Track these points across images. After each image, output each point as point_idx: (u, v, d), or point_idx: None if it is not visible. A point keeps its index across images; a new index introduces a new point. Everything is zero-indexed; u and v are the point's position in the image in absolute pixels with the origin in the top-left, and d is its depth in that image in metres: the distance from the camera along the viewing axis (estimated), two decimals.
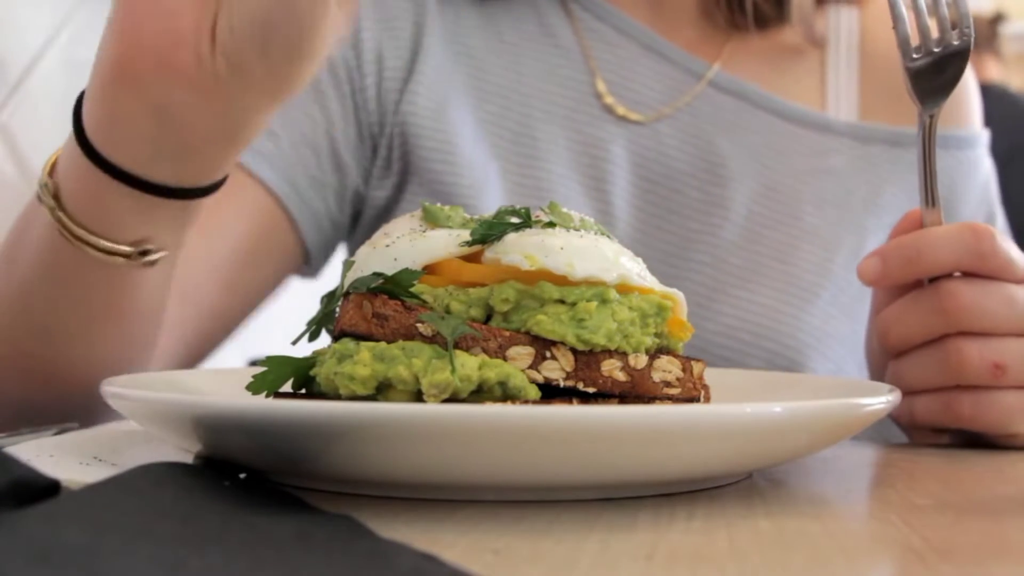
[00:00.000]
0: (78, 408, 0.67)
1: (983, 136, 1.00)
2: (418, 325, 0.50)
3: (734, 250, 0.92)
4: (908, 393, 0.66)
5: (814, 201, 0.94)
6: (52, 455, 0.51)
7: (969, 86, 1.01)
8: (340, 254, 1.01)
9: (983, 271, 0.65)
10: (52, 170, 0.62)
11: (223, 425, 0.45)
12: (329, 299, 0.56)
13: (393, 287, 0.51)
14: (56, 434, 0.59)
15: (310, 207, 0.91)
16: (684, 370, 0.53)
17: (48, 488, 0.38)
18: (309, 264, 0.94)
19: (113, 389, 0.50)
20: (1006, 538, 0.43)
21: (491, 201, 0.89)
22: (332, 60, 0.93)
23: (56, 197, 0.61)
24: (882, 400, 0.50)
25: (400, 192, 0.94)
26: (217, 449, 0.48)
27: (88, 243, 0.61)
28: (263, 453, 0.46)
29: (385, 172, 0.94)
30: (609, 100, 0.95)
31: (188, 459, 0.47)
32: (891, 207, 0.95)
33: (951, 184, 0.97)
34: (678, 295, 0.55)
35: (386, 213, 0.94)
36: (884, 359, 0.71)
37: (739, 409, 0.45)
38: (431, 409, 0.42)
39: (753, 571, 0.37)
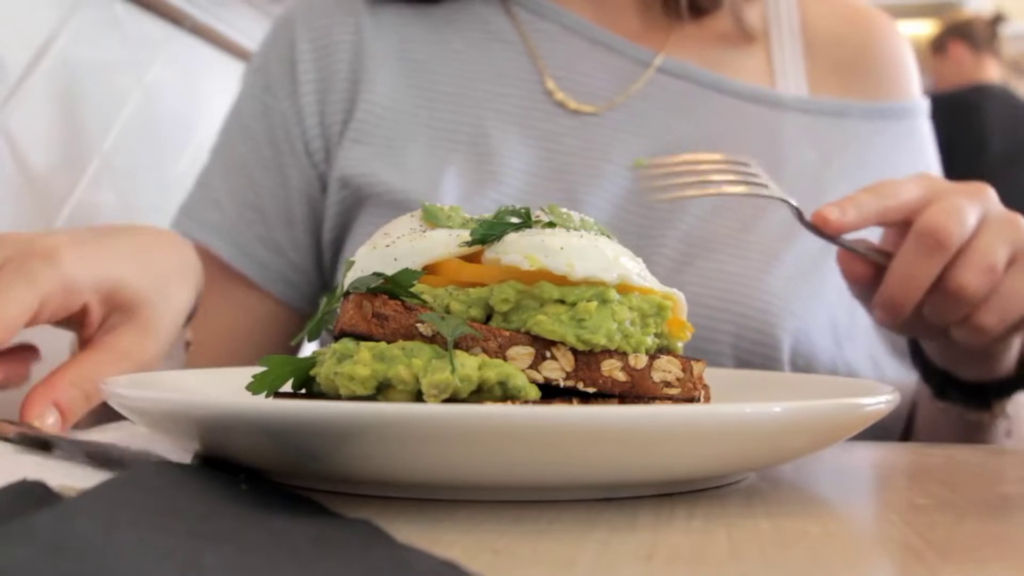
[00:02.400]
0: None
1: (921, 105, 1.03)
2: (418, 325, 0.50)
3: (698, 224, 0.93)
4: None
5: (771, 173, 0.96)
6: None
7: (904, 56, 1.04)
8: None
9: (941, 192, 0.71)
10: None
11: (223, 425, 0.45)
12: (329, 299, 0.56)
13: (393, 287, 0.51)
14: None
15: (265, 265, 0.96)
16: (684, 370, 0.53)
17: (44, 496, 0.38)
18: (296, 308, 0.98)
19: (113, 389, 0.50)
20: (1006, 538, 0.43)
21: (448, 203, 0.91)
22: (273, 132, 0.97)
23: None
24: (882, 400, 0.50)
25: (356, 211, 0.95)
26: (217, 449, 0.48)
27: None
28: (262, 453, 0.46)
29: (336, 206, 0.96)
30: (560, 96, 0.96)
31: (188, 459, 0.47)
32: (843, 175, 0.97)
33: (883, 157, 0.99)
34: (678, 295, 0.55)
35: (343, 232, 0.95)
36: (911, 330, 0.76)
37: (739, 409, 0.45)
38: (431, 409, 0.41)
39: (753, 571, 0.37)
